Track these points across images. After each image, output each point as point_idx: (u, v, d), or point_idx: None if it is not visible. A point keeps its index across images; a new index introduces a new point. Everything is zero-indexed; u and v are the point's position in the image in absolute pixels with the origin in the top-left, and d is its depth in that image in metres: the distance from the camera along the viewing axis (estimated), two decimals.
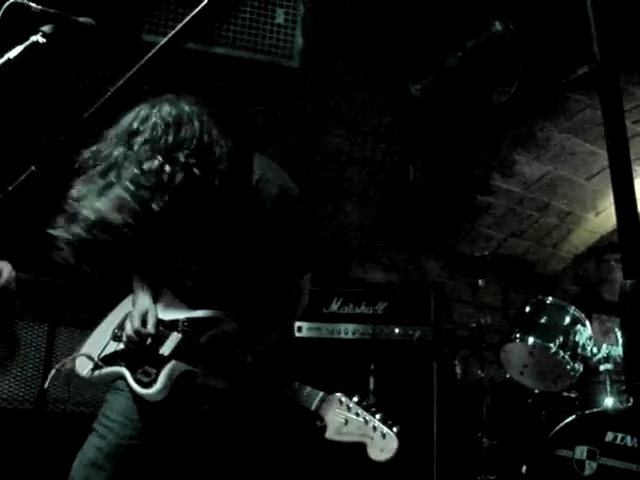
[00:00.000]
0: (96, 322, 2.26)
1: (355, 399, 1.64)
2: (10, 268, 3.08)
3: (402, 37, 3.78)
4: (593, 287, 4.41)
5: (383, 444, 1.61)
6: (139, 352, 2.00)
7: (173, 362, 1.96)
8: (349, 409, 1.62)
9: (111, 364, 2.08)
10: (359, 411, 1.63)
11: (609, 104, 0.76)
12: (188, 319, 2.00)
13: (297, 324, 3.81)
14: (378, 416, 1.65)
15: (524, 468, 3.36)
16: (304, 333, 3.83)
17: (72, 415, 3.21)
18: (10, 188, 0.76)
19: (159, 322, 2.03)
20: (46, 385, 2.95)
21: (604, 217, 5.24)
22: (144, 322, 2.01)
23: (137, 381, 1.99)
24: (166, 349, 1.98)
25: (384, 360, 3.74)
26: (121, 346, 2.07)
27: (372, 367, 3.72)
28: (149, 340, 2.00)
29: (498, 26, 3.65)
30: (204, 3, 0.73)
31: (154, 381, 1.96)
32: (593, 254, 4.97)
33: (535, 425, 3.61)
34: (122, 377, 2.04)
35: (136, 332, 1.98)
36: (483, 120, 4.20)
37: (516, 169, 4.68)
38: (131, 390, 2.00)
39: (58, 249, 1.59)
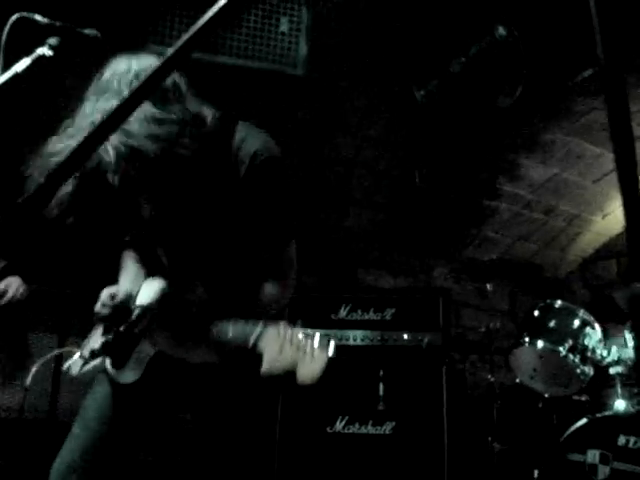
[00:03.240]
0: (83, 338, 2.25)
1: (299, 325, 1.56)
2: (17, 285, 3.09)
3: (406, 43, 3.79)
4: (602, 291, 4.39)
5: (312, 362, 1.52)
6: (117, 337, 1.91)
7: (143, 341, 1.90)
8: (286, 337, 1.52)
9: (97, 356, 2.00)
10: (297, 337, 1.53)
11: (615, 106, 0.76)
12: (163, 295, 1.91)
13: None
14: (317, 336, 1.55)
15: (536, 473, 3.35)
16: None
17: None
18: (20, 201, 0.76)
19: (137, 305, 1.94)
20: (27, 382, 2.94)
21: (611, 220, 5.22)
22: (112, 297, 1.94)
23: (112, 363, 1.95)
24: (139, 328, 1.90)
25: (393, 366, 3.74)
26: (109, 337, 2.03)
27: (381, 373, 3.71)
28: (124, 323, 1.91)
29: (502, 30, 3.66)
30: (209, 15, 0.73)
31: (126, 361, 1.91)
32: (600, 257, 4.96)
33: (546, 429, 3.60)
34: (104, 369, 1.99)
35: (101, 304, 1.93)
36: (488, 125, 4.20)
37: (522, 173, 4.68)
38: (109, 380, 1.97)
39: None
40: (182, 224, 1.89)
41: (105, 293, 1.96)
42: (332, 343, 1.52)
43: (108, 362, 1.97)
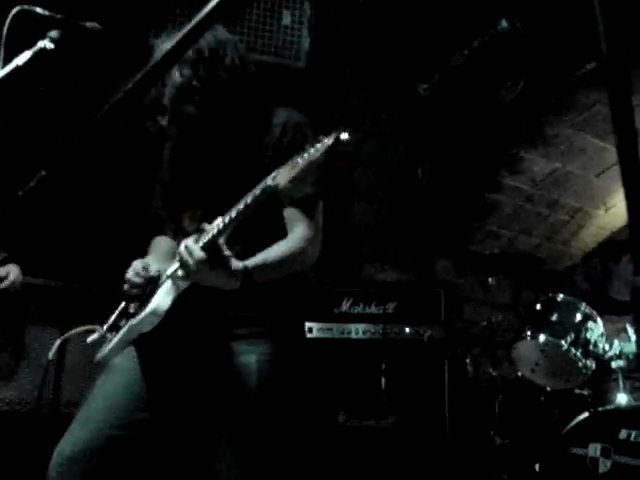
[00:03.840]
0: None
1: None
2: (18, 272, 3.09)
3: (408, 36, 3.78)
4: (601, 285, 4.39)
5: (321, 146, 1.60)
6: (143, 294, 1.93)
7: (166, 281, 1.86)
8: (295, 160, 1.56)
9: (119, 328, 1.98)
10: (302, 152, 1.57)
11: (618, 99, 0.75)
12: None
13: (308, 325, 3.82)
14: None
15: (537, 466, 3.35)
16: (315, 334, 3.83)
17: None
18: (21, 193, 0.76)
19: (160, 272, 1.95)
20: (50, 355, 2.94)
21: (614, 213, 5.21)
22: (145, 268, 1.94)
23: (132, 317, 1.91)
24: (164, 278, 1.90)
25: (395, 360, 3.74)
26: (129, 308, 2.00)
27: (383, 367, 3.72)
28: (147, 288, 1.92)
29: (504, 24, 3.65)
30: (211, 6, 0.73)
31: (146, 304, 1.87)
32: (599, 251, 4.95)
33: (548, 423, 3.60)
34: (130, 342, 1.95)
35: (134, 273, 1.92)
36: (491, 118, 4.19)
37: (525, 166, 4.67)
38: (129, 358, 1.93)
39: None
40: (210, 186, 1.94)
41: (137, 263, 1.95)
42: (344, 133, 1.61)
43: (132, 320, 1.92)
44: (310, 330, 3.83)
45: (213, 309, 1.93)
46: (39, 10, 1.71)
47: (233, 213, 1.68)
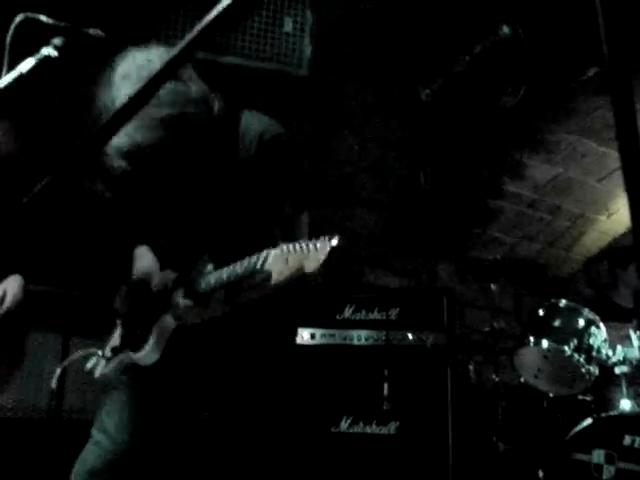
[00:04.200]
0: (109, 333, 2.26)
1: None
2: (16, 289, 3.07)
3: (410, 42, 3.79)
4: (605, 291, 4.39)
5: (316, 254, 1.53)
6: (135, 324, 1.98)
7: (161, 317, 1.92)
8: (289, 250, 1.54)
9: (119, 352, 2.04)
10: (299, 245, 1.55)
11: (620, 105, 0.75)
12: (175, 277, 1.97)
13: (310, 331, 3.82)
14: (320, 239, 1.57)
15: (541, 473, 3.34)
16: (317, 340, 3.83)
17: (88, 424, 3.20)
18: (25, 200, 0.76)
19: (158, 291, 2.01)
20: (53, 384, 2.96)
21: (616, 219, 5.21)
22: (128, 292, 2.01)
23: (132, 349, 1.96)
24: (156, 310, 1.95)
25: (398, 366, 3.73)
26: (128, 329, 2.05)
27: (386, 373, 3.71)
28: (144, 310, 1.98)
29: (506, 29, 3.65)
30: (214, 14, 0.73)
31: (145, 340, 1.92)
32: (606, 257, 4.94)
33: (551, 429, 3.59)
34: (128, 364, 2.01)
35: (120, 302, 2.00)
36: (492, 124, 4.20)
37: (526, 172, 4.67)
38: (129, 379, 1.98)
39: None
40: (192, 205, 1.96)
41: (123, 289, 2.00)
42: (335, 237, 1.55)
43: (129, 352, 1.98)
44: (312, 336, 3.83)
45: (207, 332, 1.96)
46: (43, 18, 1.72)
47: (224, 277, 1.74)
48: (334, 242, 1.54)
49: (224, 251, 1.85)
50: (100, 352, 2.09)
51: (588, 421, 3.23)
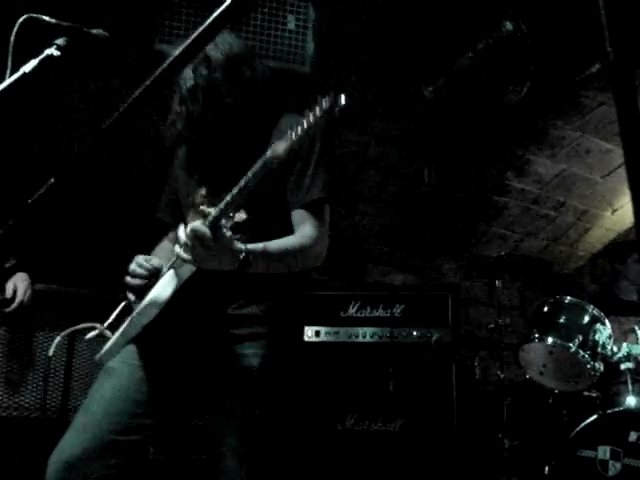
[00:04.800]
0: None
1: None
2: (25, 284, 3.09)
3: (413, 39, 3.79)
4: (609, 286, 4.39)
5: (317, 109, 1.58)
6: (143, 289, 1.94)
7: (167, 272, 1.88)
8: (291, 131, 1.57)
9: (116, 327, 1.99)
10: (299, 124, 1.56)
11: (624, 101, 0.75)
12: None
13: (315, 328, 3.82)
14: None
15: (546, 469, 3.34)
16: (322, 337, 3.84)
17: None
18: (30, 201, 0.77)
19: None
20: (50, 352, 2.95)
21: (621, 215, 5.20)
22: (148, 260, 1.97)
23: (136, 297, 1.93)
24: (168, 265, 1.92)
25: (403, 363, 3.74)
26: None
27: (391, 370, 3.71)
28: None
29: (509, 26, 3.65)
30: (218, 13, 0.73)
31: (150, 287, 1.89)
32: (609, 252, 4.94)
33: (556, 425, 3.59)
34: (130, 340, 1.94)
35: (137, 264, 1.96)
36: (496, 120, 4.19)
37: (531, 168, 4.66)
38: (129, 359, 1.91)
39: None
40: (220, 189, 1.93)
41: (139, 256, 1.97)
42: (342, 97, 1.57)
43: (132, 296, 1.94)
44: (317, 334, 3.83)
45: (213, 309, 1.93)
46: (46, 18, 1.72)
47: (235, 190, 1.66)
48: (342, 100, 1.57)
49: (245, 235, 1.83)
50: (101, 327, 2.04)
51: (593, 417, 3.22)
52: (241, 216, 1.74)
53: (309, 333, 3.81)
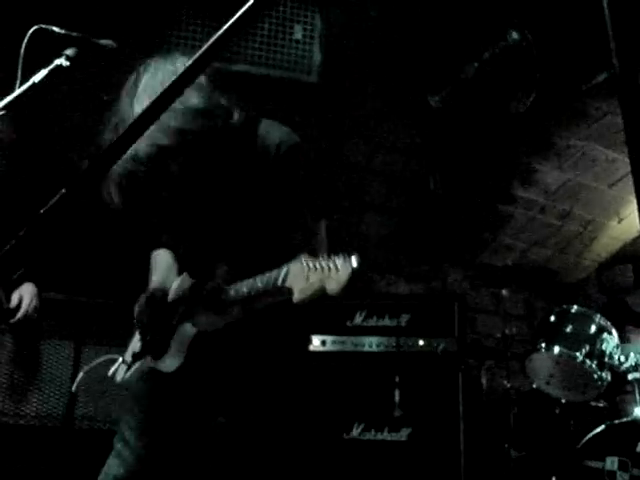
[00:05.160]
0: (122, 339, 2.28)
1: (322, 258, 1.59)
2: (31, 294, 3.10)
3: (419, 49, 3.80)
4: (620, 296, 4.36)
5: (337, 275, 1.55)
6: (155, 333, 2.02)
7: (181, 325, 1.96)
8: (310, 267, 1.56)
9: (139, 358, 2.08)
10: (319, 263, 1.56)
11: (630, 110, 0.76)
12: (192, 285, 2.02)
13: (321, 338, 3.82)
14: (339, 256, 1.58)
15: (554, 479, 3.32)
16: (328, 347, 3.83)
17: (100, 432, 3.23)
18: (42, 211, 0.77)
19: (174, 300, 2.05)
20: (74, 388, 2.99)
21: (627, 224, 5.19)
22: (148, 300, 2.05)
23: (153, 356, 2.01)
24: (176, 318, 2.00)
25: (409, 372, 3.73)
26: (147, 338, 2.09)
27: (397, 379, 3.70)
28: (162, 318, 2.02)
29: (515, 35, 3.66)
30: (227, 26, 0.74)
31: (166, 350, 1.97)
32: (616, 262, 4.92)
33: (564, 436, 3.57)
34: (149, 369, 2.04)
35: (139, 311, 2.04)
36: (502, 130, 4.20)
37: (537, 177, 4.66)
38: (147, 387, 2.02)
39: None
40: (210, 212, 1.99)
41: (142, 298, 2.05)
42: (354, 257, 1.56)
43: (150, 359, 2.02)
44: (324, 343, 3.83)
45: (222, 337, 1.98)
46: (56, 29, 1.74)
47: (244, 289, 1.78)
48: (354, 264, 1.56)
49: (242, 258, 1.88)
50: (121, 358, 2.13)
51: (601, 428, 3.21)
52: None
53: (315, 342, 3.80)
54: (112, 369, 2.16)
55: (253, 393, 1.96)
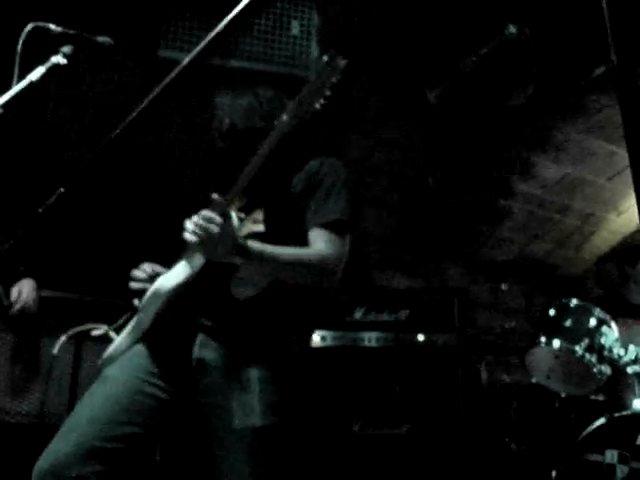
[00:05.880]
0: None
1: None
2: (30, 288, 3.12)
3: (416, 44, 3.79)
4: (616, 289, 4.37)
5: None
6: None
7: (173, 267, 1.96)
8: None
9: (122, 327, 2.01)
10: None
11: (628, 104, 0.76)
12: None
13: (321, 333, 3.82)
14: None
15: (554, 473, 3.33)
16: (328, 342, 3.83)
17: None
18: (40, 210, 0.77)
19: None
20: (55, 351, 2.98)
21: (626, 218, 5.19)
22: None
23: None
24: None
25: (409, 367, 3.73)
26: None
27: (397, 374, 3.71)
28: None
29: (512, 29, 3.65)
30: (223, 24, 0.74)
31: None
32: (615, 256, 4.93)
33: (564, 429, 3.58)
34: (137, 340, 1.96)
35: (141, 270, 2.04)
36: (501, 124, 4.19)
37: (535, 172, 4.66)
38: (126, 366, 1.92)
39: None
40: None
41: (145, 264, 2.03)
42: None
43: (137, 301, 1.97)
44: (323, 339, 3.83)
45: (218, 320, 1.92)
46: (52, 27, 1.74)
47: (245, 172, 1.80)
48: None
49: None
50: (106, 327, 2.05)
51: (601, 421, 3.21)
52: (257, 222, 1.80)
53: (315, 338, 3.80)
54: (95, 332, 2.08)
55: (252, 387, 1.93)
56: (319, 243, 1.96)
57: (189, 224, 1.77)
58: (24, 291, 3.10)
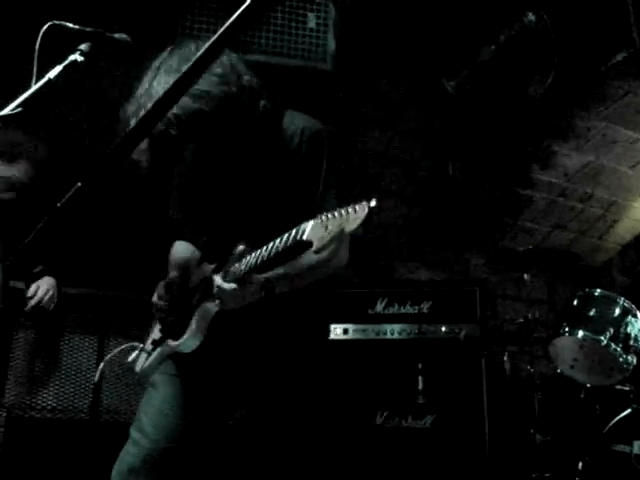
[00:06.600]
0: (145, 332, 2.29)
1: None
2: (49, 286, 3.15)
3: (434, 34, 3.76)
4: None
5: (355, 215, 1.55)
6: (175, 314, 2.03)
7: (202, 304, 1.96)
8: (327, 217, 1.55)
9: (160, 344, 2.08)
10: (337, 212, 1.55)
11: None
12: (215, 267, 2.02)
13: (343, 326, 3.82)
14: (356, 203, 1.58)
15: (580, 464, 3.30)
16: (350, 335, 3.83)
17: (125, 425, 3.24)
18: (59, 205, 0.77)
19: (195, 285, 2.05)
20: (96, 378, 3.03)
21: None
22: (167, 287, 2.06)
23: (173, 338, 2.01)
24: (197, 298, 1.99)
25: (432, 359, 3.72)
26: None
27: (420, 366, 3.70)
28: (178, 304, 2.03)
29: (531, 17, 3.61)
30: (238, 13, 0.73)
31: (186, 328, 1.97)
32: (639, 244, 4.88)
33: (589, 420, 3.55)
34: (168, 354, 2.04)
35: (158, 298, 2.05)
36: (521, 113, 4.15)
37: (557, 160, 4.61)
38: (166, 377, 2.01)
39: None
40: (233, 198, 2.00)
41: (160, 286, 2.06)
42: (373, 199, 1.56)
43: (169, 342, 2.02)
44: (346, 331, 3.83)
45: (243, 322, 1.98)
46: (70, 25, 1.74)
47: (264, 254, 1.75)
48: (373, 203, 1.55)
49: (262, 243, 1.87)
50: (141, 345, 2.13)
51: (627, 411, 3.18)
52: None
53: (337, 331, 3.80)
54: (132, 355, 2.16)
55: (274, 382, 1.96)
56: None
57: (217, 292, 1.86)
58: (41, 289, 3.14)
